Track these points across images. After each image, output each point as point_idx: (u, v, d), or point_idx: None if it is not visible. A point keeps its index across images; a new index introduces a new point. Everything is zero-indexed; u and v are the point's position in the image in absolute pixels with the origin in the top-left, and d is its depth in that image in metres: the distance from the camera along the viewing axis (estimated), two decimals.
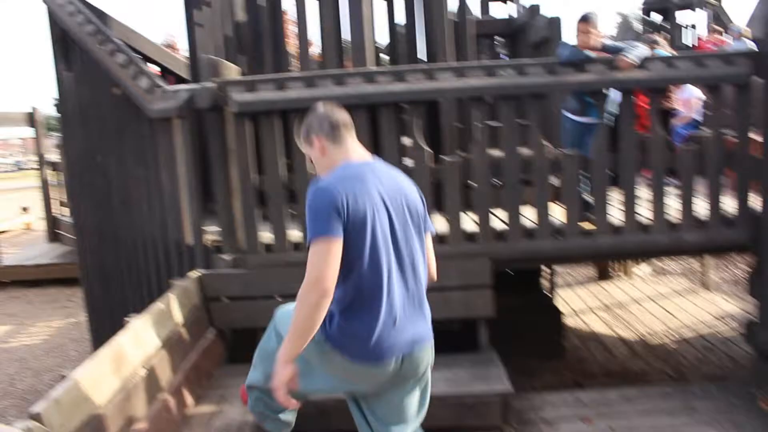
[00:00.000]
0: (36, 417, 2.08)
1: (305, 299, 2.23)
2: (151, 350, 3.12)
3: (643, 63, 3.93)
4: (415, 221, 2.48)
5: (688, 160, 4.04)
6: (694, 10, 17.24)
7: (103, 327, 5.54)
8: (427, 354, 2.53)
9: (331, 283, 2.23)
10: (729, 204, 4.13)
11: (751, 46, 9.94)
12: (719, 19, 15.69)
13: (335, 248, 2.25)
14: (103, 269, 5.36)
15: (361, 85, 3.82)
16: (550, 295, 6.31)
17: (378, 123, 3.91)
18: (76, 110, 5.30)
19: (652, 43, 6.36)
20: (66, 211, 11.53)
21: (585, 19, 4.08)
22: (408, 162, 4.04)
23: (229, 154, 3.99)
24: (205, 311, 4.01)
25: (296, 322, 2.26)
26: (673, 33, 12.03)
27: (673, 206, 4.13)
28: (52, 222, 11.38)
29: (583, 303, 7.16)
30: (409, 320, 2.42)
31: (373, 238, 2.32)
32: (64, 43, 5.31)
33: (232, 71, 3.98)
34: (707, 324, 6.30)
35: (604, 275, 8.03)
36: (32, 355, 6.69)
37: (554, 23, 4.97)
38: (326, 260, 2.23)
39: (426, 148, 3.93)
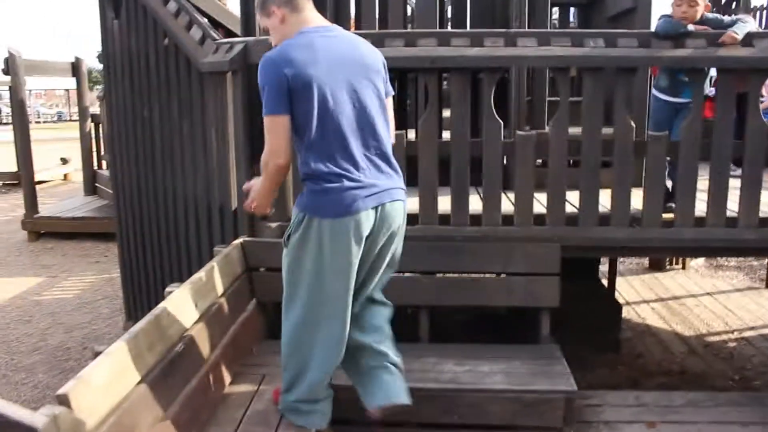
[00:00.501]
0: (63, 400, 1.82)
1: (265, 168, 2.58)
2: (189, 325, 2.86)
3: (750, 39, 3.53)
4: (374, 84, 2.63)
5: None
6: None
7: (137, 285, 5.37)
8: (400, 211, 2.70)
9: (284, 154, 2.53)
10: None
11: None
12: None
13: (283, 123, 2.50)
14: (141, 226, 5.16)
15: (434, 48, 3.48)
16: (606, 285, 5.95)
17: (448, 89, 3.58)
18: (122, 61, 5.05)
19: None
20: (105, 164, 11.47)
21: None
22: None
23: None
24: (247, 281, 3.76)
25: (264, 183, 2.66)
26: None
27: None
28: (91, 175, 11.28)
29: (636, 294, 6.78)
30: (376, 177, 2.60)
31: (323, 102, 2.49)
32: None
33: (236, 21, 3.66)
34: None
35: (658, 266, 7.62)
36: (64, 309, 6.59)
37: None
38: (277, 134, 2.51)
39: (498, 119, 3.58)
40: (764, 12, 8.65)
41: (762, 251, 3.94)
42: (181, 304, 2.85)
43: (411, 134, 4.56)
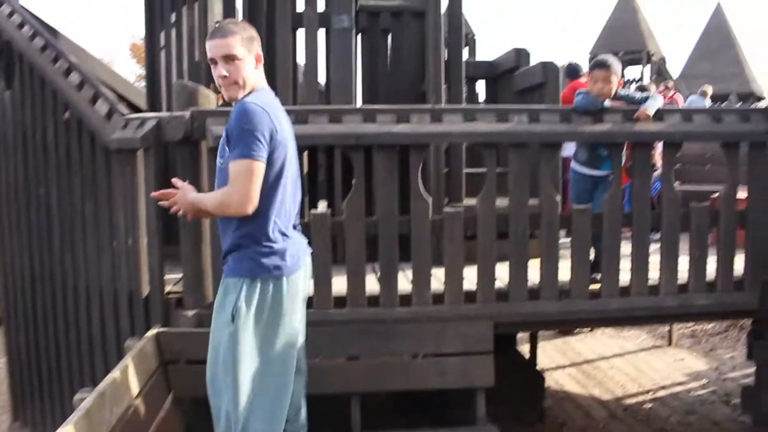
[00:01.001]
0: None
1: (222, 204, 2.53)
2: None
3: (660, 115, 3.67)
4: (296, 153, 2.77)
5: (702, 218, 3.78)
6: (641, 65, 17.83)
7: (27, 382, 4.85)
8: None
9: (251, 207, 2.49)
10: (738, 266, 3.89)
11: (709, 103, 10.15)
12: (661, 75, 16.23)
13: (261, 171, 2.49)
14: (33, 316, 4.67)
15: (359, 124, 3.40)
16: (522, 354, 5.96)
17: (373, 166, 3.50)
18: (13, 134, 4.66)
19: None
20: None
21: (604, 66, 3.78)
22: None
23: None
24: (163, 376, 3.43)
25: (208, 211, 2.62)
26: None
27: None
28: None
29: (551, 359, 6.83)
30: (302, 237, 2.81)
31: (283, 165, 2.58)
32: (6, 58, 4.69)
33: (210, 100, 3.48)
34: (681, 383, 6.08)
35: (567, 329, 7.75)
36: None
37: (550, 69, 4.69)
38: (252, 181, 2.46)
39: (426, 198, 3.51)
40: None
41: (682, 317, 4.04)
42: (95, 414, 2.53)
43: (321, 206, 4.45)
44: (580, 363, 6.72)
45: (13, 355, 5.00)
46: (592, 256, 3.90)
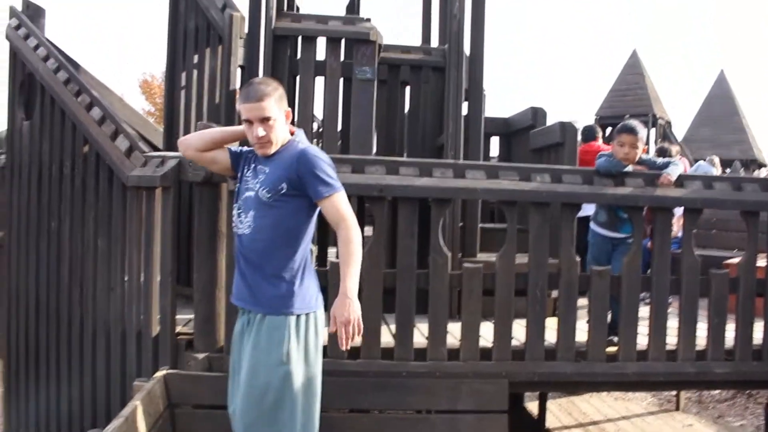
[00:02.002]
0: None
1: (358, 237, 2.60)
2: None
3: (681, 181, 3.68)
4: None
5: (722, 285, 3.74)
6: (646, 128, 17.93)
7: (24, 418, 4.72)
8: None
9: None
10: (757, 334, 3.84)
11: (718, 171, 10.21)
12: (667, 138, 16.36)
13: None
14: (36, 351, 4.58)
15: (382, 176, 3.39)
16: (531, 413, 5.83)
17: (396, 219, 3.48)
18: (29, 165, 4.64)
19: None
20: None
21: (633, 132, 3.78)
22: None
23: (219, 237, 3.44)
24: (169, 420, 3.34)
25: (358, 258, 2.59)
26: None
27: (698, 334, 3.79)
28: None
29: (556, 419, 6.68)
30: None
31: None
32: (27, 89, 4.71)
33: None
34: None
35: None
36: None
37: (569, 129, 4.71)
38: (350, 207, 2.68)
39: (446, 252, 3.48)
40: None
41: (700, 384, 3.96)
42: None
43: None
44: (587, 424, 6.58)
45: (11, 389, 4.88)
46: (608, 317, 3.86)
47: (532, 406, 6.89)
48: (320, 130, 7.92)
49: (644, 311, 3.85)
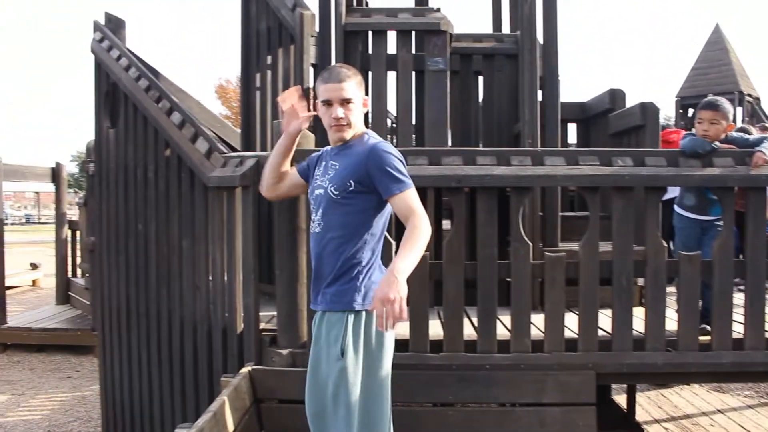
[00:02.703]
0: None
1: (426, 229, 2.52)
2: None
3: None
4: None
5: None
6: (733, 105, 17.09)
7: (119, 411, 4.93)
8: None
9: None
10: None
11: None
12: (755, 116, 15.55)
13: None
14: (128, 347, 4.77)
15: (460, 166, 3.34)
16: (619, 406, 5.66)
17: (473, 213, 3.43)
18: (116, 170, 4.83)
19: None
20: (80, 273, 11.02)
21: (711, 107, 3.61)
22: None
23: (299, 233, 3.48)
24: (255, 415, 3.42)
25: (420, 246, 2.48)
26: None
27: None
28: (65, 283, 10.81)
29: (645, 413, 6.45)
30: None
31: None
32: (111, 98, 4.90)
33: (310, 141, 3.51)
34: None
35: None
36: None
37: (650, 110, 4.52)
38: (421, 204, 2.61)
39: (527, 241, 3.41)
40: None
41: None
42: None
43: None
44: (679, 418, 6.32)
45: (107, 384, 5.10)
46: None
47: (620, 400, 6.69)
48: (393, 126, 7.95)
49: (737, 298, 3.67)
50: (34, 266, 14.99)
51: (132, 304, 4.66)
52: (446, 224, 4.83)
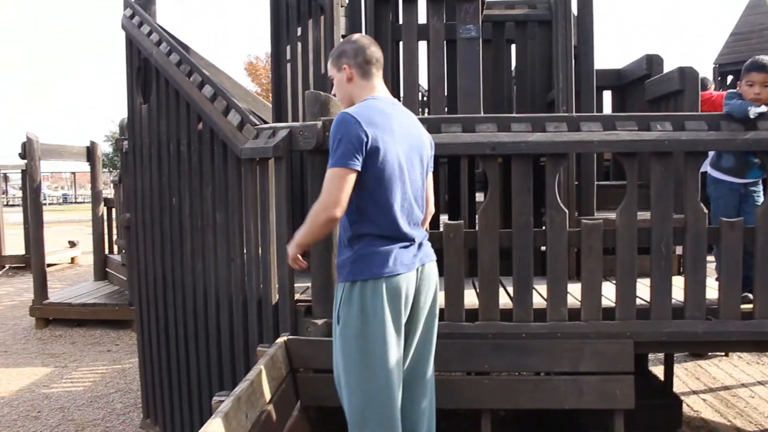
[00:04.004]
0: None
1: (315, 218, 2.58)
2: None
3: None
4: (423, 161, 2.78)
5: None
6: None
7: (158, 381, 5.02)
8: (436, 271, 2.85)
9: (340, 211, 2.54)
10: None
11: None
12: None
13: (351, 179, 2.52)
14: (165, 320, 4.85)
15: (494, 133, 3.29)
16: (657, 376, 5.60)
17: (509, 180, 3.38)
18: (150, 146, 4.87)
19: None
20: (117, 249, 11.24)
21: (763, 68, 3.49)
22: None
23: None
24: (291, 384, 3.44)
25: (306, 233, 2.67)
26: None
27: None
28: (102, 260, 11.03)
29: (683, 384, 6.38)
30: (416, 245, 2.72)
31: (390, 170, 2.58)
32: (143, 74, 4.92)
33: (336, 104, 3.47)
34: None
35: (699, 353, 7.23)
36: (75, 404, 6.20)
37: (689, 75, 4.40)
38: (341, 188, 2.50)
39: (564, 208, 3.36)
40: None
41: None
42: (233, 417, 2.55)
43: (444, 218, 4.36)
44: (717, 389, 6.24)
45: (145, 356, 5.20)
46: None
47: (657, 371, 6.62)
48: (425, 99, 7.87)
49: None
50: (72, 244, 15.32)
51: (168, 278, 4.72)
52: (479, 197, 4.80)
